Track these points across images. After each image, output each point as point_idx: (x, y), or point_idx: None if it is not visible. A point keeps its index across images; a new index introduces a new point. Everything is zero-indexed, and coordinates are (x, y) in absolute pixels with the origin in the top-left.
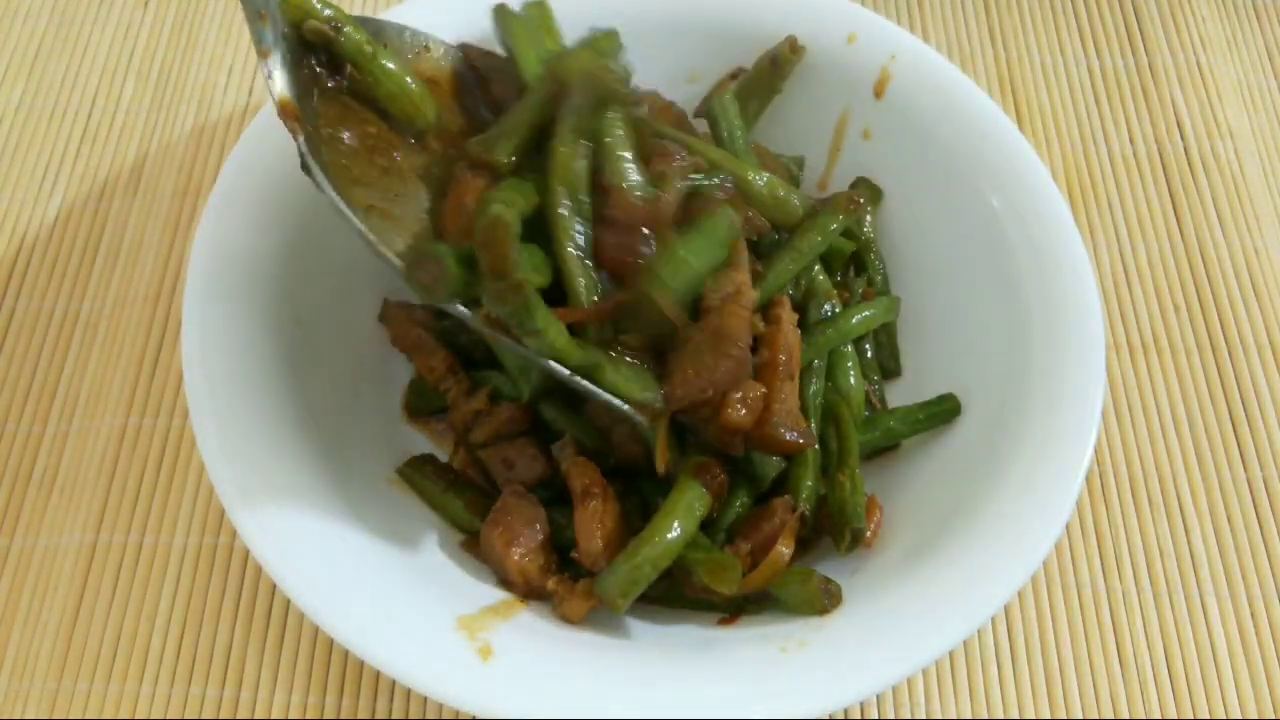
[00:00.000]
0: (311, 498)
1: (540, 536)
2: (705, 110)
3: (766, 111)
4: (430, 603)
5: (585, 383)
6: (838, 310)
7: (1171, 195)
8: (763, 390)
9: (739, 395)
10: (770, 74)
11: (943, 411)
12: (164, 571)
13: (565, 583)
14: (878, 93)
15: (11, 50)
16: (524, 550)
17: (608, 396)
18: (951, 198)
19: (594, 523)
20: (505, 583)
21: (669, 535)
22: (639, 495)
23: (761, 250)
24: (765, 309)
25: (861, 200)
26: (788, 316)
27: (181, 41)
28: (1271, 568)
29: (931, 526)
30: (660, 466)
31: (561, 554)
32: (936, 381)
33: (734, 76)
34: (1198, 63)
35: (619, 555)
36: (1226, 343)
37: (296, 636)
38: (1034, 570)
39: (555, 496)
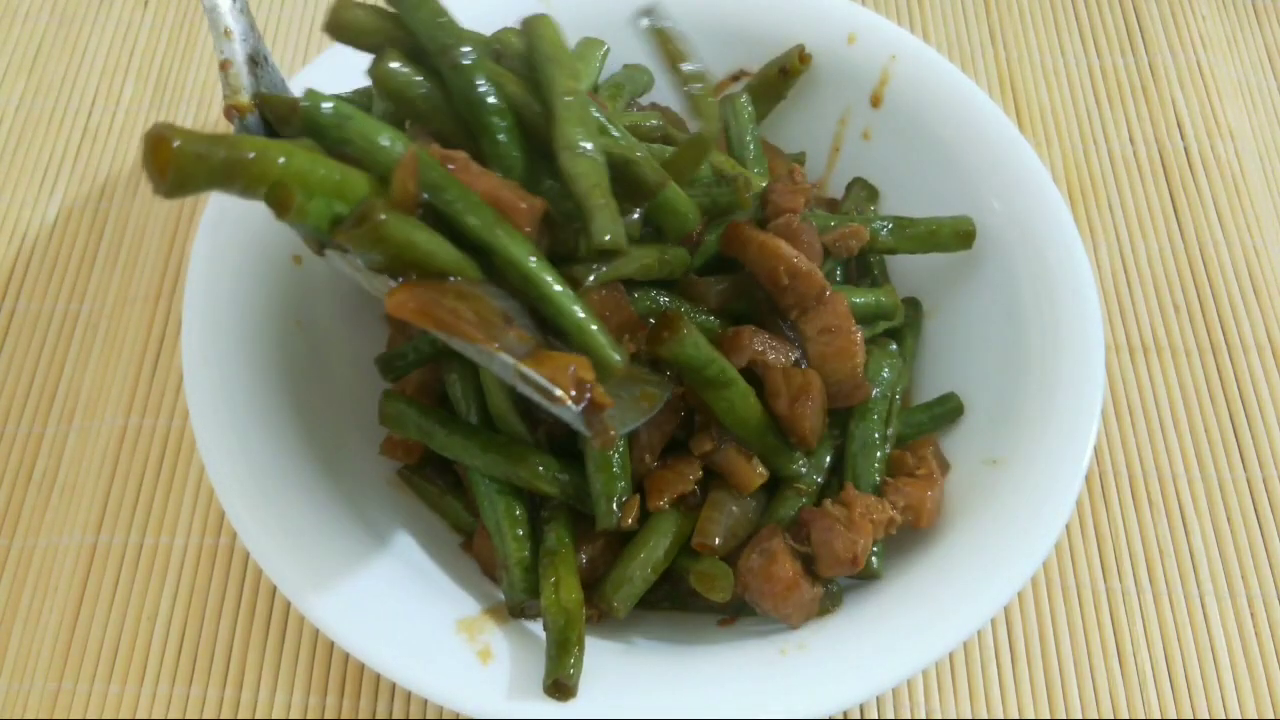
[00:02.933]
0: (311, 499)
1: None
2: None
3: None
4: (430, 605)
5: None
6: None
7: (1171, 195)
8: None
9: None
10: (778, 82)
11: (946, 412)
12: (164, 572)
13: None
14: (877, 96)
15: (11, 50)
16: None
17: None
18: (951, 198)
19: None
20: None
21: (658, 547)
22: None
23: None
24: None
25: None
26: None
27: (181, 41)
28: (1271, 568)
29: (931, 526)
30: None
31: None
32: (938, 382)
33: (735, 79)
34: (1198, 63)
35: (615, 565)
36: (1226, 343)
37: (296, 637)
38: (1034, 571)
39: None
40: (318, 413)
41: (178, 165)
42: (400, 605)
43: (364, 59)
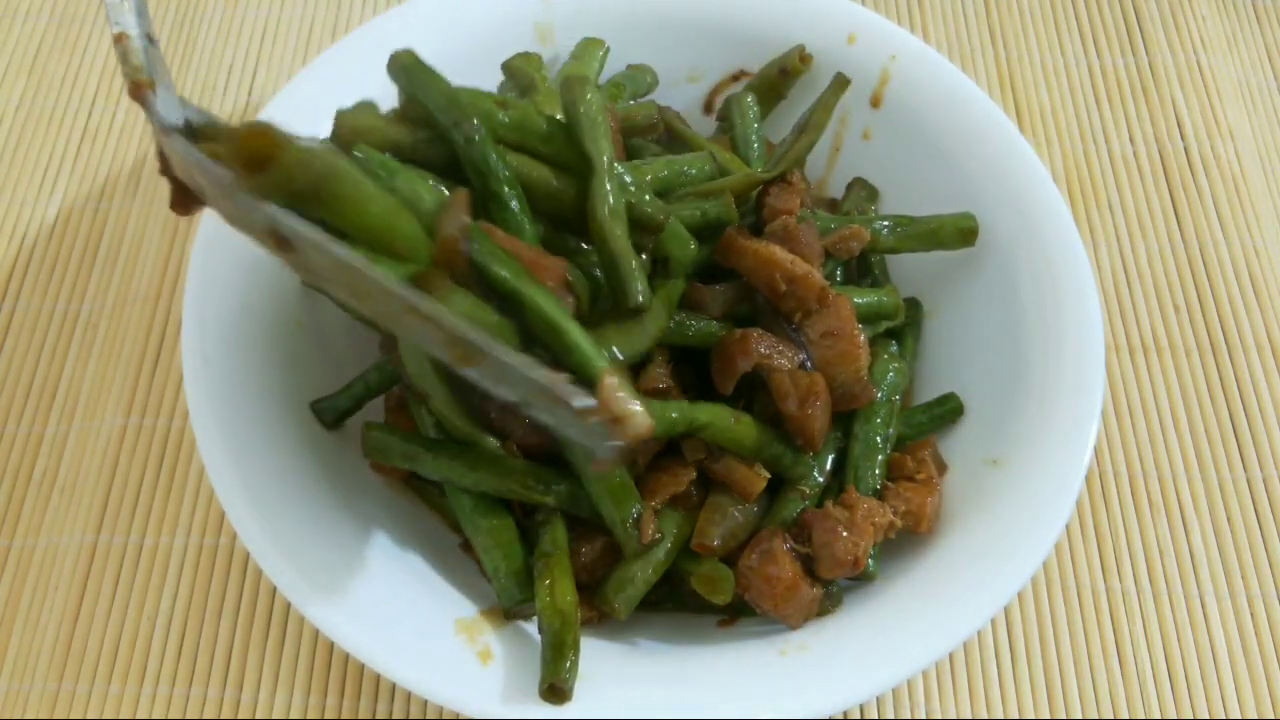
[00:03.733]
0: (311, 499)
1: None
2: (724, 111)
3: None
4: (430, 606)
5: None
6: None
7: (1171, 195)
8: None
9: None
10: (778, 82)
11: (946, 412)
12: (164, 572)
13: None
14: (877, 96)
15: (11, 50)
16: None
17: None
18: (951, 198)
19: None
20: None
21: (659, 549)
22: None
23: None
24: None
25: None
26: None
27: (181, 41)
28: (1271, 568)
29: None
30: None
31: None
32: (938, 382)
33: (735, 79)
34: (1198, 63)
35: (616, 567)
36: (1226, 343)
37: (296, 638)
38: (1034, 571)
39: None
40: None
41: (283, 166)
42: (400, 606)
43: (361, 61)
